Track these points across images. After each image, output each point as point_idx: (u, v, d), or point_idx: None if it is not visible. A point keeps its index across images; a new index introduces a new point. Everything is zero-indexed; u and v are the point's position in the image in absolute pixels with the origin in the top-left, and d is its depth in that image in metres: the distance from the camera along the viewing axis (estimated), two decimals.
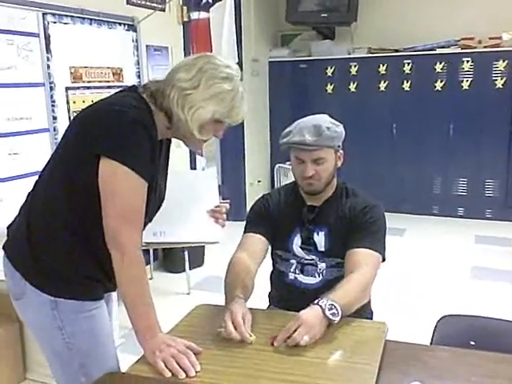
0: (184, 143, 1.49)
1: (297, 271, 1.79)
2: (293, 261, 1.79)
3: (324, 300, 1.42)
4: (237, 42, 3.82)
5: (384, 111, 5.48)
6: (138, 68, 3.76)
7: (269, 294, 1.94)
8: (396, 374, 1.29)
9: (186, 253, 3.73)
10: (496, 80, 5.02)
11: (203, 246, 4.20)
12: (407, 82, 5.35)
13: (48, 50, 3.01)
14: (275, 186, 5.77)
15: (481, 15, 5.11)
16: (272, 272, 1.91)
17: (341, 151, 1.78)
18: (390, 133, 5.49)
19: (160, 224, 1.55)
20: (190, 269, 3.80)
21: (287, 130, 1.75)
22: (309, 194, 1.79)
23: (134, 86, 1.46)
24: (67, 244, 1.36)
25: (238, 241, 1.80)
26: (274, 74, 5.90)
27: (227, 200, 1.70)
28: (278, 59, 5.83)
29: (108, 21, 3.45)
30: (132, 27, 3.67)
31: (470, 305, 3.21)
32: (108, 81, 3.49)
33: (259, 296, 1.93)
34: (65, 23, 3.13)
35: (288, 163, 5.58)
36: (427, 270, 4.04)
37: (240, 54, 4.63)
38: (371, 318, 1.81)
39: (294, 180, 1.83)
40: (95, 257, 1.37)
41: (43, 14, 2.97)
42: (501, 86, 5.01)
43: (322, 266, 1.76)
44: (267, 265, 1.85)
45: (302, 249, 1.77)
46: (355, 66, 5.52)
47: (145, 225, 1.42)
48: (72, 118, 1.47)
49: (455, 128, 5.24)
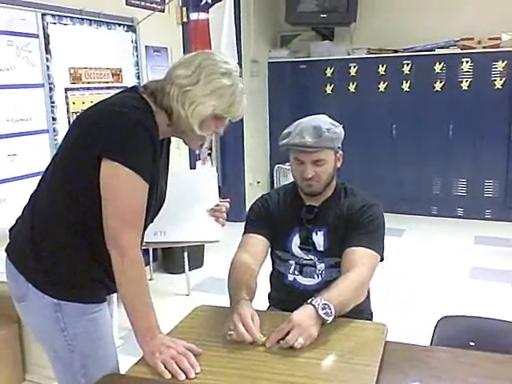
0: (184, 141, 1.49)
1: (296, 272, 1.79)
2: (292, 261, 1.79)
3: (317, 299, 1.42)
4: (236, 43, 3.82)
5: (383, 112, 5.48)
6: (138, 69, 3.77)
7: (268, 295, 1.94)
8: (396, 375, 1.29)
9: (186, 254, 3.72)
10: (495, 80, 5.02)
11: (203, 247, 4.20)
12: (406, 83, 5.35)
13: (47, 51, 3.01)
14: (275, 187, 5.76)
15: (480, 16, 5.12)
16: (271, 273, 1.91)
17: (340, 152, 1.78)
18: (390, 133, 5.49)
19: (160, 224, 1.55)
20: (190, 270, 3.79)
21: (287, 131, 1.74)
22: (308, 195, 1.79)
23: (135, 87, 1.46)
24: (70, 246, 1.36)
25: (238, 241, 1.80)
26: (274, 75, 5.90)
27: (227, 199, 1.70)
28: (278, 60, 5.83)
29: (107, 22, 3.45)
30: (131, 28, 3.67)
31: (470, 305, 3.21)
32: (107, 82, 3.49)
33: (259, 297, 1.92)
34: (64, 24, 3.13)
35: (287, 164, 5.56)
36: (427, 271, 4.04)
37: (239, 55, 4.63)
38: (371, 319, 1.81)
39: (293, 180, 1.83)
40: (98, 258, 1.36)
41: (42, 15, 2.97)
42: (500, 87, 5.01)
43: (321, 267, 1.76)
44: (267, 265, 1.85)
45: (301, 249, 1.77)
46: (354, 67, 5.52)
47: (146, 226, 1.42)
48: (73, 120, 1.47)
49: (454, 128, 5.24)
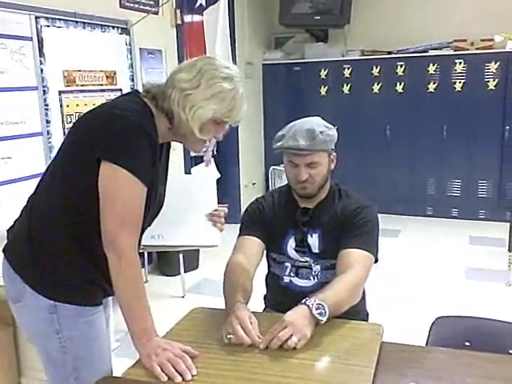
0: (184, 145, 1.49)
1: (292, 274, 1.79)
2: (287, 264, 1.79)
3: (311, 299, 1.42)
4: (231, 45, 3.82)
5: (377, 113, 5.49)
6: (132, 71, 3.76)
7: (264, 297, 1.94)
8: (392, 376, 1.29)
9: (181, 256, 3.72)
10: (488, 81, 5.05)
11: (198, 250, 4.19)
12: (400, 84, 5.37)
13: (41, 54, 3.01)
14: (270, 188, 5.77)
15: (473, 17, 5.15)
16: (267, 275, 1.91)
17: (334, 154, 1.78)
18: (384, 134, 5.51)
19: (158, 227, 1.55)
20: (185, 272, 3.79)
21: (280, 134, 1.74)
22: (303, 198, 1.79)
23: (136, 91, 1.47)
24: (68, 248, 1.36)
25: (233, 243, 1.80)
26: (268, 77, 5.91)
27: (226, 204, 1.70)
28: (272, 62, 5.84)
29: (101, 24, 3.44)
30: (125, 30, 3.67)
31: (465, 305, 3.23)
32: (101, 84, 3.48)
33: (255, 298, 1.92)
34: (58, 27, 3.13)
35: (282, 165, 5.55)
36: (422, 271, 4.05)
37: (234, 57, 4.63)
38: (367, 320, 1.82)
39: (287, 183, 1.84)
40: (96, 261, 1.36)
41: (36, 18, 2.96)
42: (493, 88, 5.04)
43: (317, 269, 1.76)
44: (263, 267, 1.85)
45: (297, 251, 1.77)
46: (349, 69, 5.54)
47: (144, 229, 1.42)
48: (73, 122, 1.47)
49: (448, 129, 5.26)
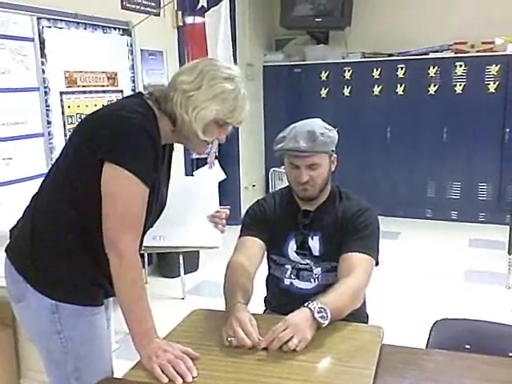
0: (187, 147, 1.50)
1: (292, 276, 1.79)
2: (288, 266, 1.80)
3: (314, 303, 1.42)
4: (232, 47, 3.83)
5: (378, 115, 5.50)
6: (133, 72, 3.76)
7: (265, 299, 1.94)
8: (392, 378, 1.30)
9: (181, 257, 3.72)
10: (489, 84, 5.06)
11: (198, 251, 4.19)
12: (401, 87, 5.38)
13: (42, 55, 3.01)
14: (270, 190, 5.77)
15: (474, 20, 5.15)
16: (267, 277, 1.91)
17: (334, 155, 1.79)
18: (384, 137, 5.51)
19: (160, 228, 1.55)
20: (185, 273, 3.79)
21: (281, 136, 1.75)
22: (304, 200, 1.80)
23: (140, 93, 1.47)
24: (70, 248, 1.36)
25: (233, 245, 1.80)
26: (269, 79, 5.91)
27: (227, 206, 1.70)
28: (273, 64, 5.85)
29: (103, 25, 3.45)
30: (127, 32, 3.68)
31: (464, 308, 3.22)
32: (103, 85, 3.49)
33: (255, 300, 1.92)
34: (59, 28, 3.14)
35: (283, 167, 5.56)
36: (422, 274, 4.05)
37: (235, 59, 4.63)
38: (367, 322, 1.82)
39: (288, 185, 1.84)
40: (98, 261, 1.37)
41: (38, 19, 2.97)
42: (493, 91, 5.05)
43: (318, 271, 1.76)
44: (263, 269, 1.85)
45: (297, 253, 1.77)
46: (349, 71, 5.54)
47: (146, 231, 1.43)
48: (77, 123, 1.48)
49: (449, 132, 5.27)
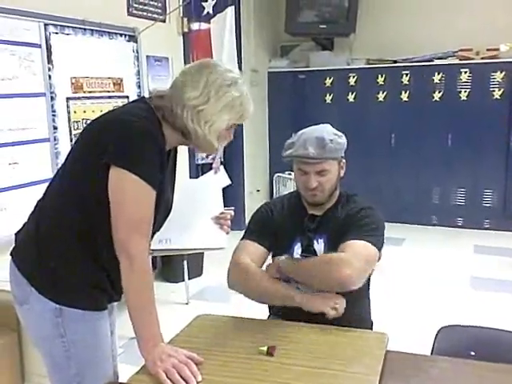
0: (195, 150, 1.51)
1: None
2: None
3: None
4: (237, 53, 3.85)
5: (383, 121, 5.50)
6: (139, 78, 3.79)
7: (268, 304, 1.94)
8: None
9: (185, 262, 3.72)
10: (494, 91, 5.05)
11: (202, 256, 4.20)
12: (405, 93, 5.38)
13: (49, 61, 3.04)
14: (274, 196, 5.77)
15: (478, 26, 5.15)
16: None
17: (343, 161, 1.79)
18: (389, 143, 5.51)
19: (165, 231, 1.55)
20: (189, 278, 3.79)
21: (290, 142, 1.76)
22: (312, 205, 1.80)
23: (144, 97, 1.48)
24: (75, 252, 1.37)
25: None
26: (273, 85, 5.93)
27: (232, 207, 1.70)
28: (278, 70, 5.86)
29: (109, 31, 3.48)
30: (133, 38, 3.70)
31: (470, 315, 3.20)
32: (108, 91, 3.51)
33: (259, 306, 1.93)
34: (66, 34, 3.16)
35: (287, 173, 5.59)
36: (426, 280, 4.03)
37: (240, 65, 4.66)
38: (371, 328, 1.81)
39: (297, 189, 1.84)
40: (102, 265, 1.38)
41: (45, 25, 2.99)
42: (498, 97, 5.04)
43: None
44: None
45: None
46: (354, 77, 5.55)
47: (153, 234, 1.43)
48: (83, 128, 1.49)
49: (453, 138, 5.26)
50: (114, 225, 1.30)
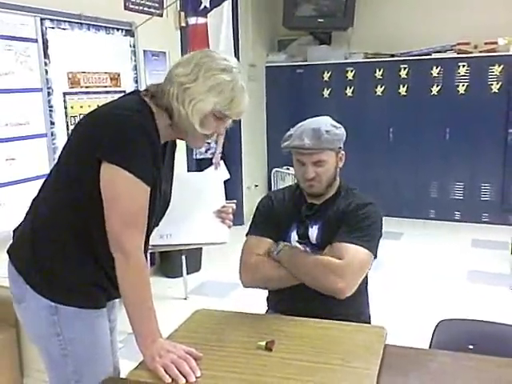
0: (187, 142, 1.48)
1: None
2: None
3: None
4: (234, 47, 3.83)
5: (380, 116, 5.49)
6: (136, 73, 3.77)
7: (267, 298, 1.94)
8: (396, 378, 1.29)
9: (184, 258, 3.72)
10: (492, 85, 5.04)
11: (200, 251, 4.20)
12: (403, 87, 5.37)
13: (46, 56, 3.02)
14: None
15: (476, 20, 5.14)
16: None
17: (342, 152, 1.80)
18: (387, 137, 5.51)
19: (166, 226, 1.55)
20: (188, 274, 3.79)
21: (288, 134, 1.78)
22: (311, 195, 1.82)
23: (136, 90, 1.47)
24: (71, 250, 1.36)
25: (236, 245, 1.80)
26: (271, 79, 5.91)
27: (233, 200, 1.70)
28: (275, 64, 5.85)
29: (106, 26, 3.46)
30: (129, 32, 3.68)
31: (468, 308, 3.22)
32: (106, 86, 3.49)
33: (257, 300, 1.93)
34: (63, 29, 3.14)
35: (285, 167, 5.59)
36: (424, 274, 4.04)
37: (237, 59, 4.64)
38: (369, 323, 1.82)
39: (296, 180, 1.86)
40: (100, 263, 1.36)
41: (41, 20, 2.97)
42: (496, 91, 5.04)
43: None
44: None
45: (299, 243, 1.79)
46: (352, 71, 5.54)
47: (151, 230, 1.42)
48: (76, 123, 1.48)
49: (451, 132, 5.26)
50: (108, 221, 1.29)
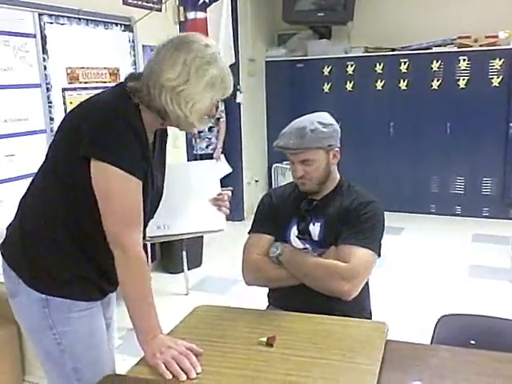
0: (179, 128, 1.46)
1: None
2: None
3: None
4: (234, 42, 3.81)
5: (381, 110, 5.48)
6: (135, 68, 3.75)
7: (268, 294, 1.94)
8: (397, 374, 1.29)
9: (185, 253, 3.72)
10: (492, 78, 5.02)
11: (201, 246, 4.19)
12: (404, 81, 5.35)
13: (44, 51, 3.00)
14: (272, 186, 5.76)
15: (477, 14, 5.12)
16: None
17: (336, 149, 1.77)
18: (387, 131, 5.49)
19: (163, 217, 1.54)
20: (189, 269, 3.78)
21: (281, 132, 1.78)
22: (305, 193, 1.81)
23: (121, 83, 1.42)
24: (59, 242, 1.35)
25: (237, 241, 1.80)
26: (271, 74, 5.89)
27: (230, 187, 1.69)
28: (275, 59, 5.83)
29: (104, 21, 3.44)
30: (128, 27, 3.66)
31: (469, 303, 3.22)
32: (105, 81, 3.48)
33: (258, 296, 1.93)
34: (61, 24, 3.12)
35: (285, 163, 5.58)
36: (425, 269, 4.04)
37: (237, 54, 4.62)
38: (370, 318, 1.81)
39: None
40: (89, 255, 1.36)
41: (39, 15, 2.96)
42: (497, 85, 5.02)
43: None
44: None
45: (299, 238, 1.79)
46: (352, 65, 5.52)
47: (146, 222, 1.41)
48: (62, 118, 1.46)
49: (452, 126, 5.24)
50: (105, 219, 1.28)
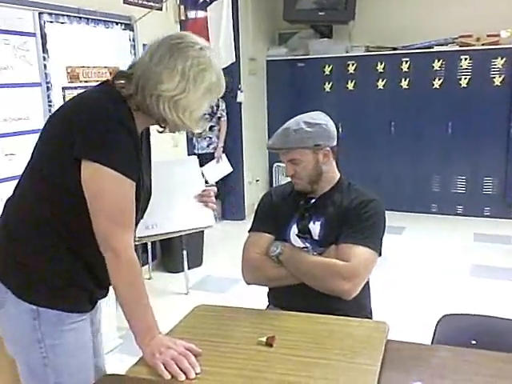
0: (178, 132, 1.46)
1: None
2: None
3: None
4: (234, 41, 3.81)
5: (382, 109, 5.47)
6: None
7: (268, 294, 1.93)
8: (398, 374, 1.28)
9: (185, 253, 3.71)
10: (494, 77, 5.01)
11: (202, 246, 4.19)
12: (405, 80, 5.34)
13: (44, 50, 2.99)
14: (273, 185, 5.76)
15: (479, 13, 5.10)
16: None
17: (327, 148, 1.76)
18: (389, 131, 5.48)
19: (150, 216, 1.51)
20: (189, 269, 3.78)
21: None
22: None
23: (109, 80, 1.38)
24: (52, 248, 1.30)
25: (238, 240, 1.79)
26: (272, 73, 5.89)
27: (213, 184, 1.68)
28: (276, 58, 5.82)
29: (105, 20, 3.43)
30: (129, 26, 3.65)
31: (470, 303, 3.21)
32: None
33: (258, 296, 1.92)
34: (61, 22, 3.11)
35: None
36: (426, 269, 4.03)
37: (237, 53, 4.61)
38: (371, 318, 1.81)
39: None
40: (83, 261, 1.32)
41: (39, 14, 2.95)
42: (499, 84, 5.00)
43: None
44: None
45: (299, 237, 1.78)
46: (353, 65, 5.51)
47: (137, 222, 1.39)
48: (47, 118, 1.43)
49: (453, 126, 5.23)
50: (95, 220, 1.25)
